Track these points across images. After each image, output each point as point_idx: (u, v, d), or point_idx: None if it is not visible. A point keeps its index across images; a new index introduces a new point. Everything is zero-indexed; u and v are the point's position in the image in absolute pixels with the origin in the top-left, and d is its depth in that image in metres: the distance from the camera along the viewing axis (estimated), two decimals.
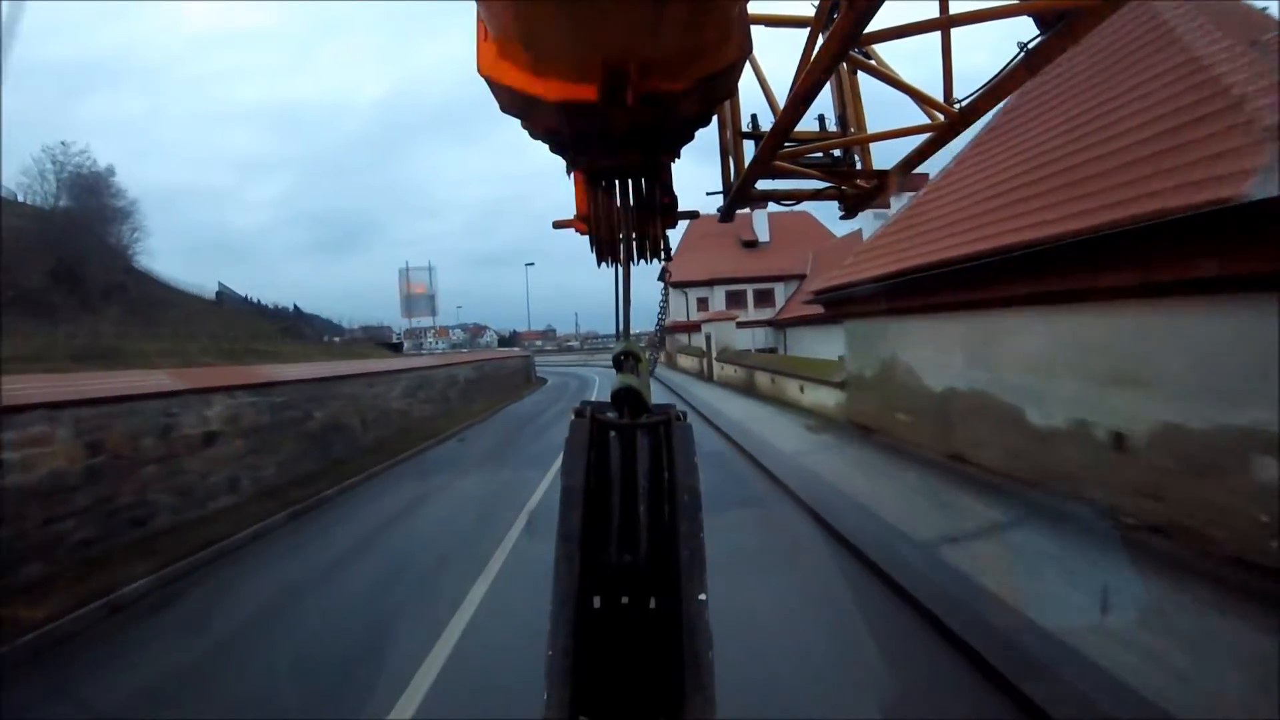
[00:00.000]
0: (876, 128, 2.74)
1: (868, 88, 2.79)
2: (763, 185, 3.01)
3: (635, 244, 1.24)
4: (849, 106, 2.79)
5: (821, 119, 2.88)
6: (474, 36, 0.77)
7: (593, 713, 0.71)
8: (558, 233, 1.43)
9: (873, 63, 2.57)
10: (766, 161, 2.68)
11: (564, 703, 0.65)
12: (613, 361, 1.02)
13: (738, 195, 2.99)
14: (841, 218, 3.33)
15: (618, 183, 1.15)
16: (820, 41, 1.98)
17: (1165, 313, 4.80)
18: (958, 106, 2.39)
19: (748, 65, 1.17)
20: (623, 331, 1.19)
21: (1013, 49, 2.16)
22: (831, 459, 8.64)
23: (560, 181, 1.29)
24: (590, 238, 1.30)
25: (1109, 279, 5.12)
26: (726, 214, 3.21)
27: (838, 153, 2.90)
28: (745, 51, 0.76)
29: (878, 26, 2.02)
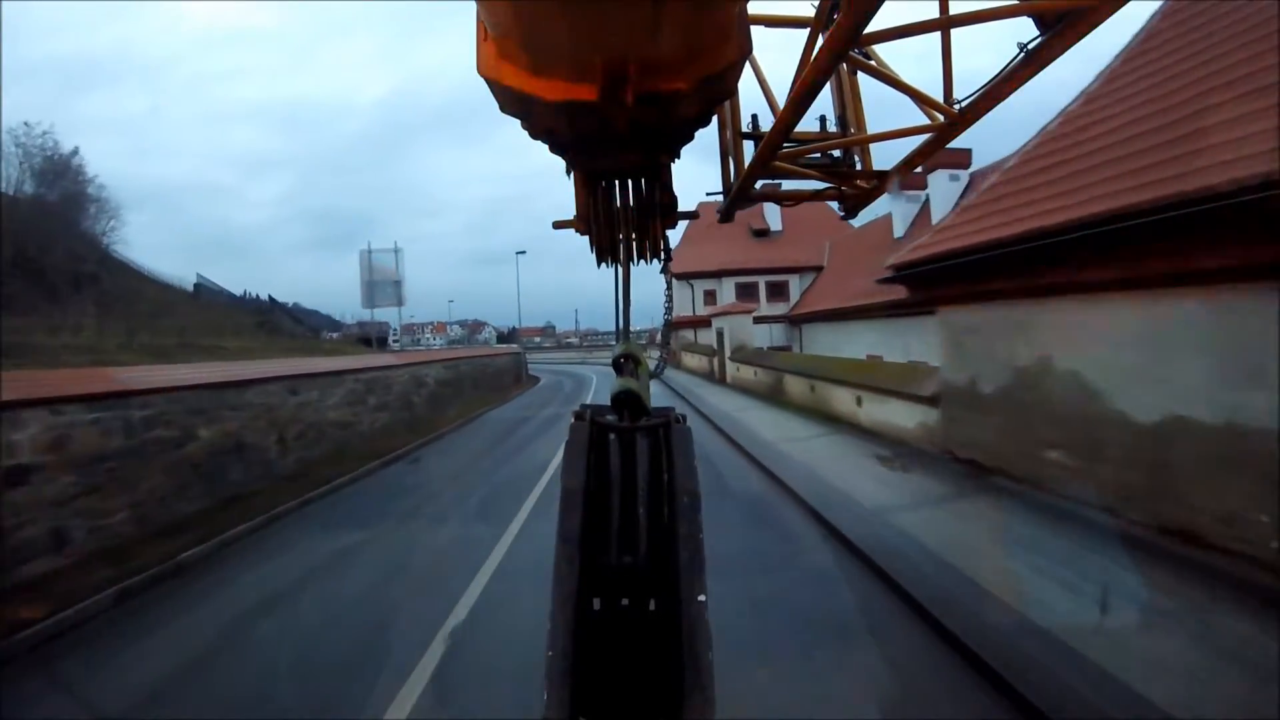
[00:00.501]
0: (876, 128, 2.75)
1: (868, 88, 2.80)
2: (763, 185, 3.02)
3: (635, 244, 1.24)
4: (849, 107, 2.80)
5: (822, 119, 2.89)
6: (474, 37, 0.77)
7: (592, 713, 0.71)
8: (558, 232, 1.43)
9: (873, 63, 2.57)
10: (766, 162, 2.68)
11: (564, 703, 0.65)
12: (612, 364, 1.02)
13: (738, 195, 2.99)
14: (843, 218, 3.34)
15: (618, 183, 1.15)
16: (820, 41, 1.98)
17: None
18: (958, 107, 2.39)
19: (748, 65, 1.17)
20: (623, 332, 1.19)
21: (1013, 49, 2.17)
22: (951, 525, 5.30)
23: (560, 181, 1.29)
24: (590, 238, 1.30)
25: None
26: (726, 214, 3.21)
27: (838, 153, 2.91)
28: (745, 51, 0.76)
29: (878, 26, 2.02)
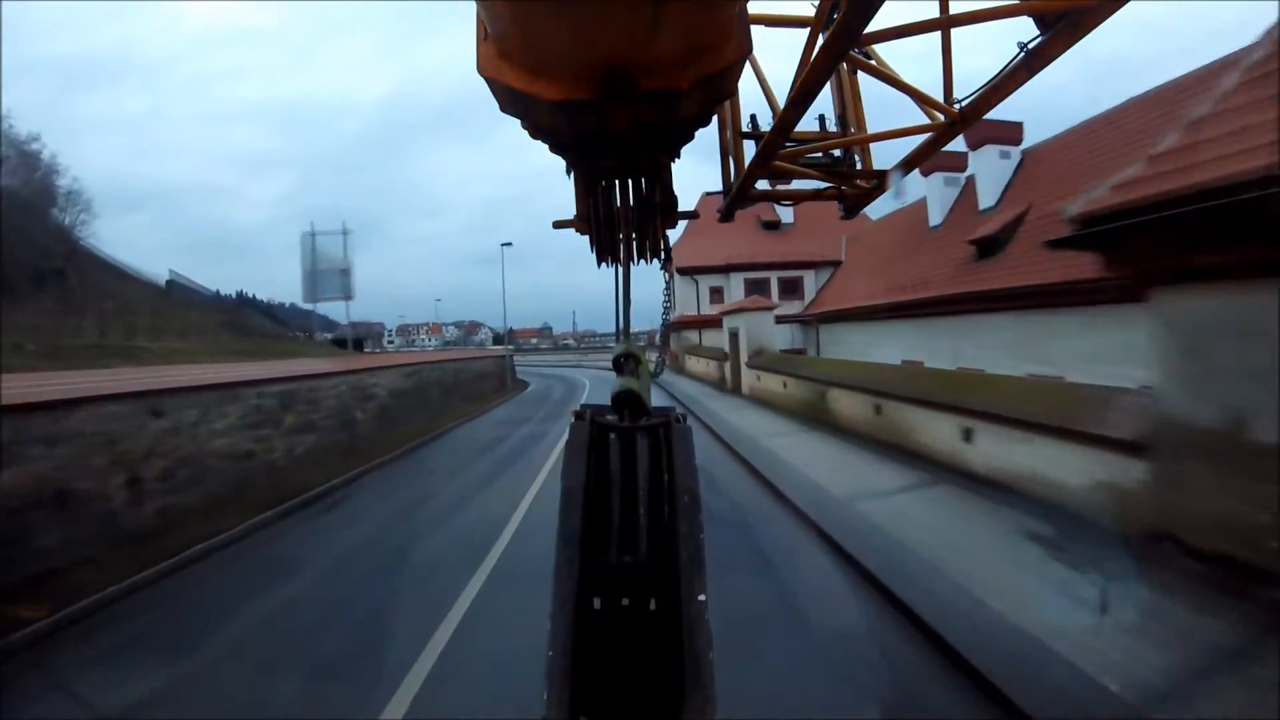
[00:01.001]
0: (876, 128, 2.75)
1: (868, 88, 2.80)
2: (763, 185, 3.02)
3: (635, 244, 1.24)
4: (849, 106, 2.80)
5: (821, 119, 2.89)
6: (474, 36, 0.77)
7: (592, 713, 0.71)
8: (558, 232, 1.43)
9: (873, 63, 2.57)
10: (767, 162, 2.69)
11: (564, 703, 0.65)
12: (612, 363, 1.02)
13: (738, 195, 2.99)
14: (842, 218, 3.34)
15: (618, 183, 1.15)
16: (820, 41, 1.98)
17: None
18: (958, 107, 2.39)
19: (748, 65, 1.17)
20: (623, 332, 1.19)
21: (1013, 49, 2.17)
22: None
23: (560, 181, 1.29)
24: (590, 238, 1.30)
25: None
26: (727, 214, 3.21)
27: (838, 153, 2.91)
28: (745, 51, 0.76)
29: (878, 26, 2.02)
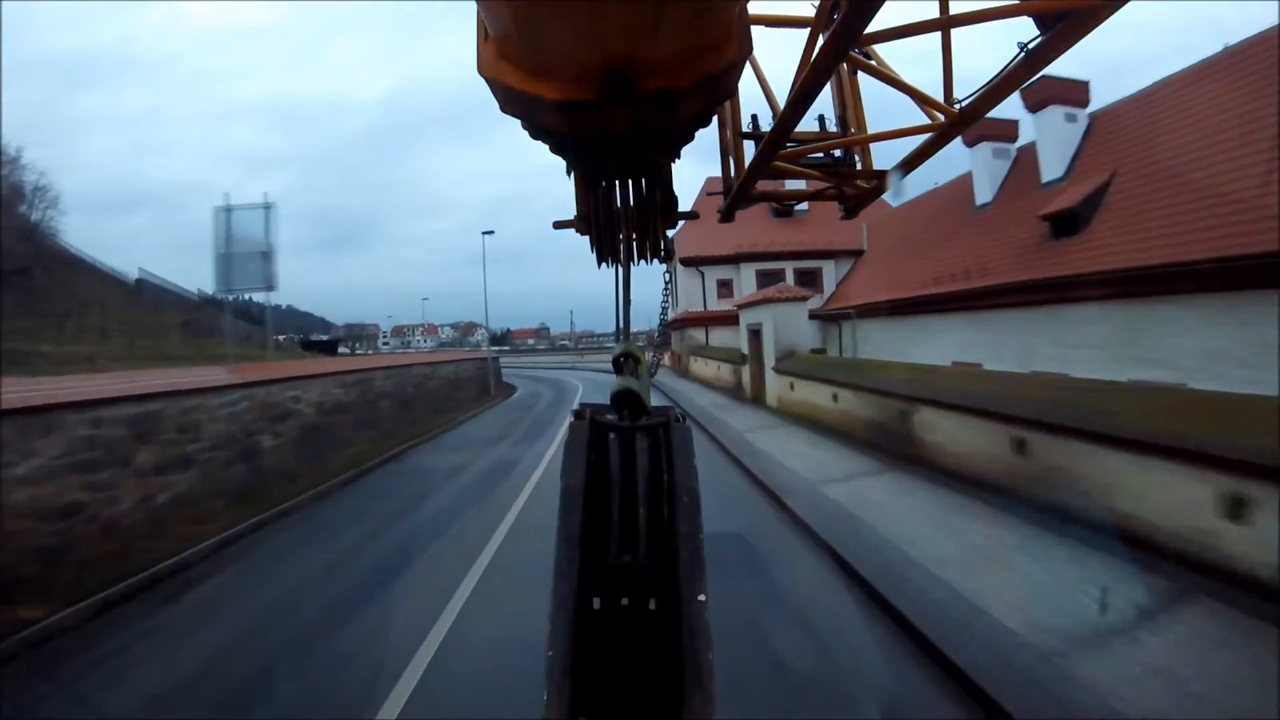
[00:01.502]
0: (876, 128, 2.74)
1: (868, 88, 2.79)
2: (763, 185, 3.02)
3: (635, 244, 1.24)
4: (849, 107, 2.80)
5: (821, 119, 2.89)
6: (474, 37, 0.77)
7: (593, 713, 0.71)
8: (557, 233, 1.43)
9: (873, 63, 2.57)
10: (767, 162, 2.68)
11: (564, 703, 0.65)
12: (612, 363, 1.02)
13: (738, 195, 2.99)
14: (842, 218, 3.33)
15: (618, 183, 1.15)
16: (820, 41, 1.98)
17: None
18: (958, 107, 2.39)
19: (748, 65, 1.17)
20: (623, 333, 1.19)
21: (1013, 49, 2.16)
22: None
23: (560, 181, 1.29)
24: (590, 238, 1.30)
25: None
26: (727, 214, 3.21)
27: (838, 153, 2.91)
28: (745, 51, 0.76)
29: (878, 26, 2.02)
